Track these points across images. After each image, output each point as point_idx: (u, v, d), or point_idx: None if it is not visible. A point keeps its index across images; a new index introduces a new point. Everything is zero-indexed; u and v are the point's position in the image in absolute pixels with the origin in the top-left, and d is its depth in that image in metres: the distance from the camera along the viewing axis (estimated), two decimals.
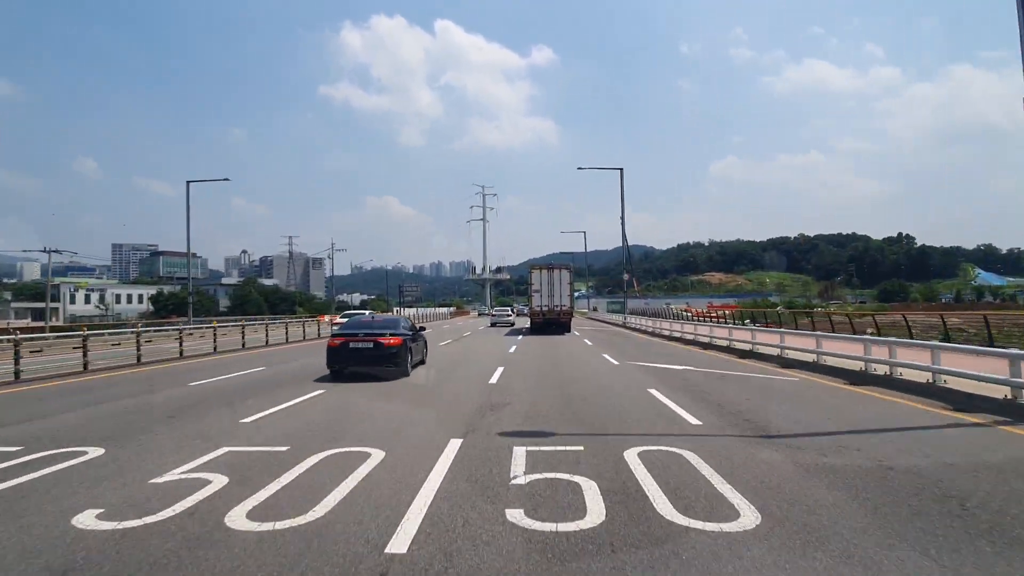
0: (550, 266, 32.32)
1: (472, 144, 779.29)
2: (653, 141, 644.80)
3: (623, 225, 36.14)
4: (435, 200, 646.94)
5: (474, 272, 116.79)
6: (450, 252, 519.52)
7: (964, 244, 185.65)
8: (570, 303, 31.41)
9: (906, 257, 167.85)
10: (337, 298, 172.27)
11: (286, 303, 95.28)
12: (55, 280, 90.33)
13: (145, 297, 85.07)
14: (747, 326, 23.32)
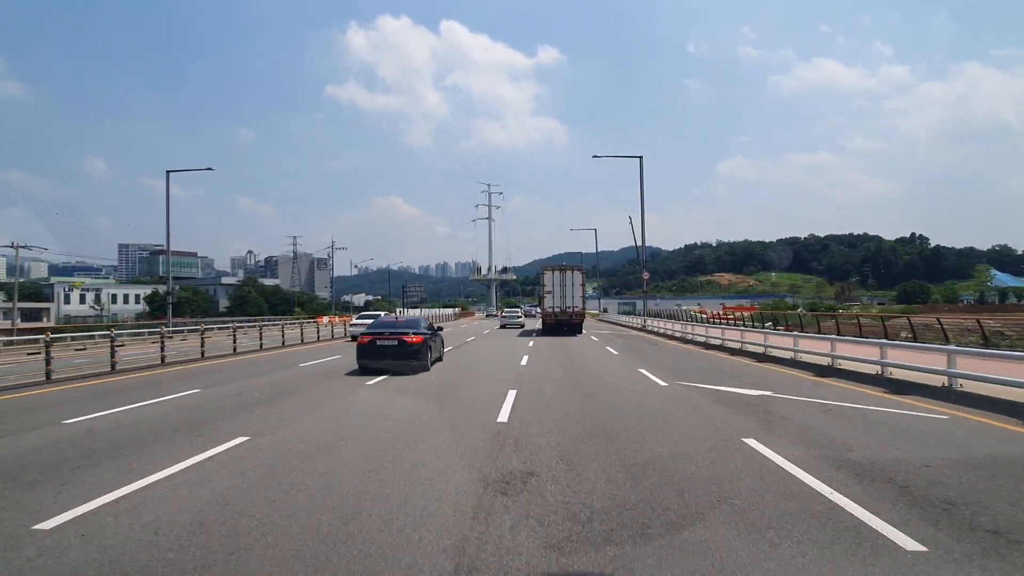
0: (562, 267, 31.76)
1: (478, 144, 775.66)
2: (659, 141, 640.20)
3: (643, 217, 32.71)
4: (441, 200, 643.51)
5: (479, 272, 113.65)
6: (456, 253, 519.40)
7: (977, 244, 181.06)
8: (582, 304, 30.81)
9: (920, 258, 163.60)
10: (342, 299, 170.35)
11: (287, 304, 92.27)
12: (52, 280, 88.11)
13: (142, 297, 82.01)
14: (785, 332, 19.99)
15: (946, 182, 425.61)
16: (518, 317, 42.36)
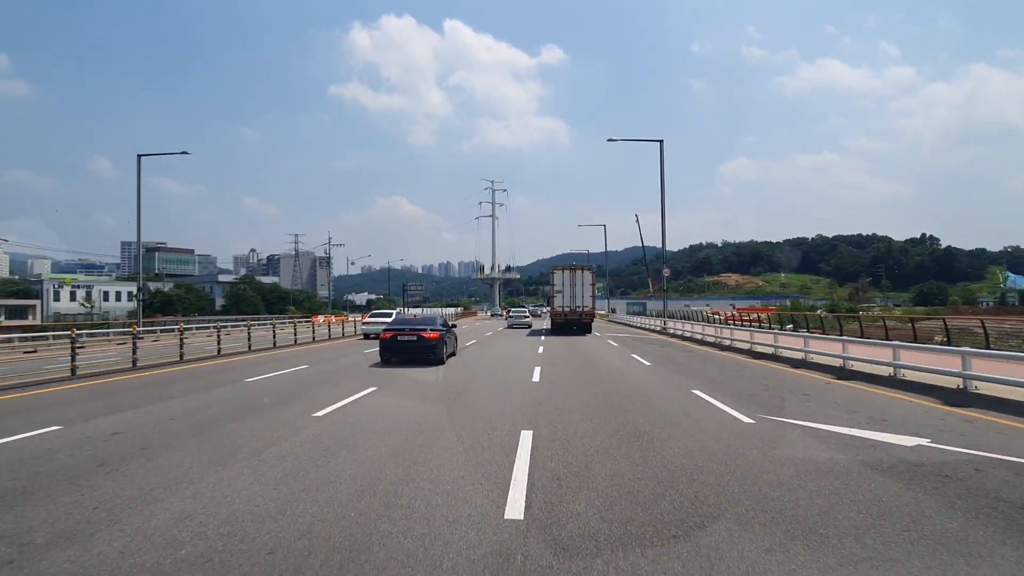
0: (572, 267, 31.64)
1: (481, 144, 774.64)
2: (663, 141, 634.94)
3: (663, 207, 30.04)
4: (444, 200, 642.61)
5: (481, 271, 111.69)
6: (459, 252, 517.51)
7: (983, 245, 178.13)
8: (592, 304, 30.78)
9: (931, 259, 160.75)
10: (344, 297, 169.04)
11: (285, 302, 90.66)
12: (41, 276, 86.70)
13: (134, 294, 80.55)
14: (821, 335, 18.08)
15: (952, 183, 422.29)
16: (525, 317, 42.24)
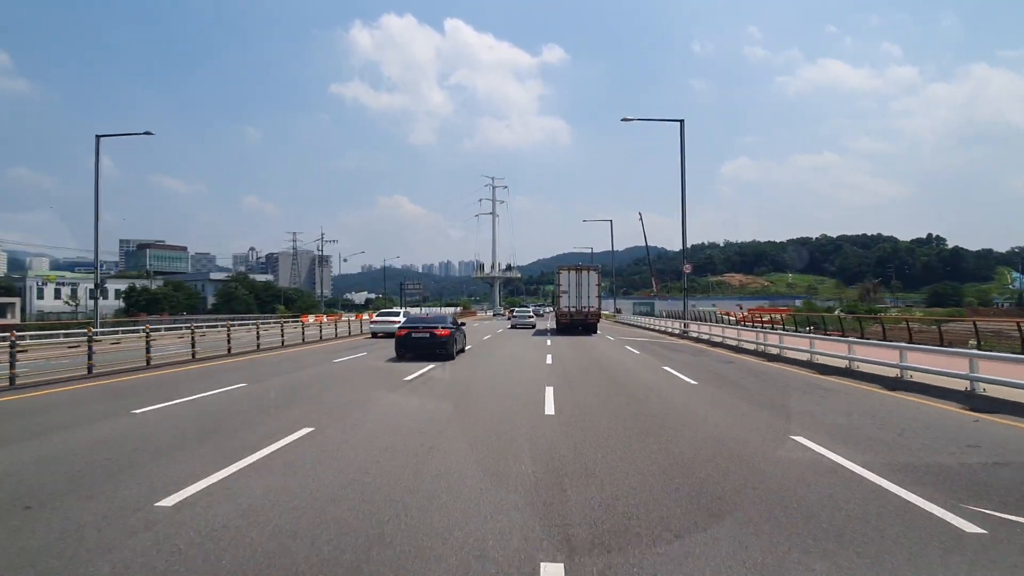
0: (578, 267, 31.80)
1: (483, 143, 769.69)
2: (664, 141, 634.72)
3: (683, 192, 26.57)
4: (445, 199, 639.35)
5: (481, 270, 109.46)
6: (460, 251, 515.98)
7: (988, 245, 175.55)
8: (598, 304, 31.07)
9: (938, 259, 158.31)
10: (344, 296, 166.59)
11: (279, 301, 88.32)
12: (25, 274, 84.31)
13: (122, 292, 78.03)
14: (862, 340, 15.65)
15: (954, 184, 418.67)
16: (529, 317, 42.04)
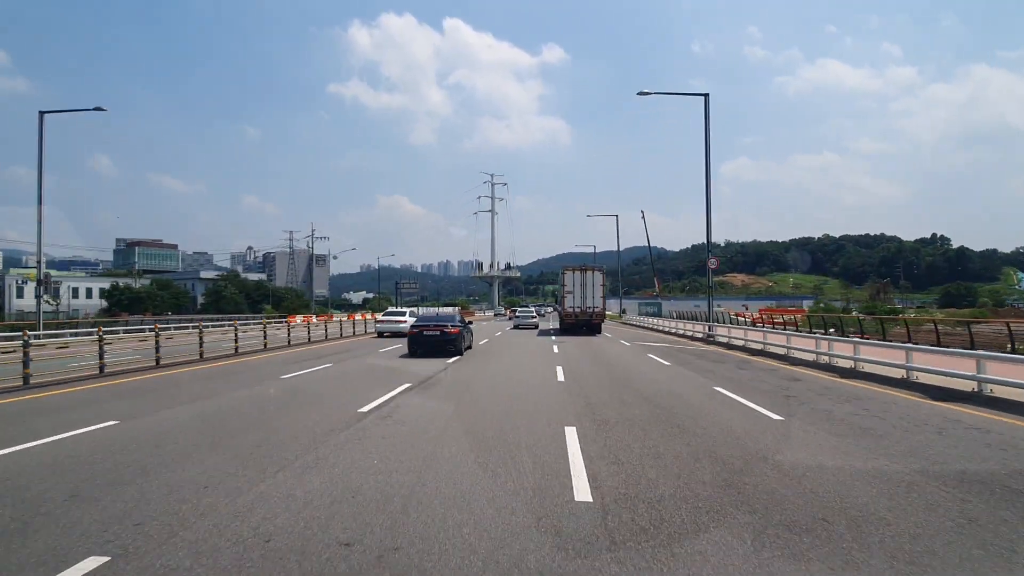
0: (582, 267, 31.67)
1: (483, 143, 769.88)
2: (664, 140, 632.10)
3: (707, 175, 23.72)
4: (444, 199, 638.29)
5: (480, 269, 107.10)
6: (459, 251, 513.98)
7: (989, 246, 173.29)
8: (602, 305, 31.02)
9: (944, 259, 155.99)
10: (342, 296, 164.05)
11: (269, 300, 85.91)
12: (2, 272, 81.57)
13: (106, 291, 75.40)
14: (910, 345, 13.14)
15: (954, 184, 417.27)
16: (532, 317, 41.47)
